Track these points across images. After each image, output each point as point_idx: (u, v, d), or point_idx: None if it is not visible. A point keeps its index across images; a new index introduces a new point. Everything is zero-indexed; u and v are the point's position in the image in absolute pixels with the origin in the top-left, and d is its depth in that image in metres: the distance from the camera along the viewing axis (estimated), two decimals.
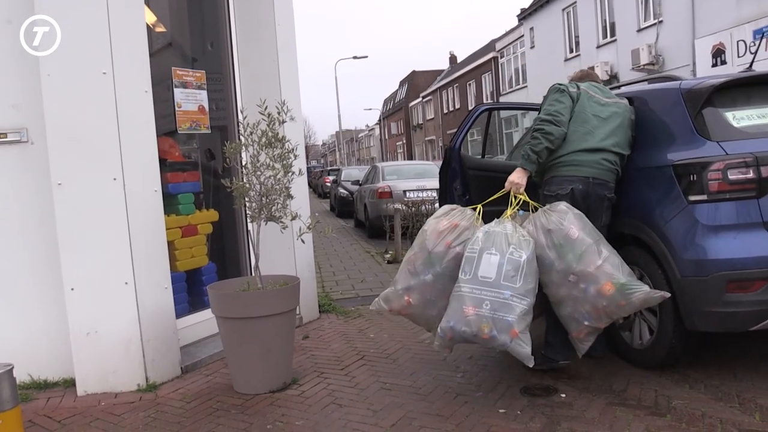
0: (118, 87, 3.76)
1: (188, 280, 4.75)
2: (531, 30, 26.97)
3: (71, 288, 3.76)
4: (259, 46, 5.17)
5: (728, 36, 14.62)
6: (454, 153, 4.84)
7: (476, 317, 3.25)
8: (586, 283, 3.32)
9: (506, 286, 3.26)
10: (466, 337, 3.33)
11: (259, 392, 3.71)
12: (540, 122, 3.68)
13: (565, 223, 3.39)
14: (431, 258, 3.52)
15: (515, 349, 3.25)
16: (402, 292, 3.62)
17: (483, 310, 3.25)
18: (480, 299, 3.27)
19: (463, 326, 3.28)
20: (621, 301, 3.26)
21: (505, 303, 3.24)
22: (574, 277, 3.35)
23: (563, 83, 3.86)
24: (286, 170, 3.84)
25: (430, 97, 49.11)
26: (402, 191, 11.75)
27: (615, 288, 3.25)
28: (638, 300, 3.25)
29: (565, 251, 3.35)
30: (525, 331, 3.26)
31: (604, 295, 3.28)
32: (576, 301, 3.39)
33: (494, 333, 3.22)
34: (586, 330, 3.45)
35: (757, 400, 3.22)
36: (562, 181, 3.68)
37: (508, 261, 3.29)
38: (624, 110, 3.82)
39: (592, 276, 3.29)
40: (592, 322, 3.40)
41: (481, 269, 3.32)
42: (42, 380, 3.99)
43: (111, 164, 3.76)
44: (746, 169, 3.25)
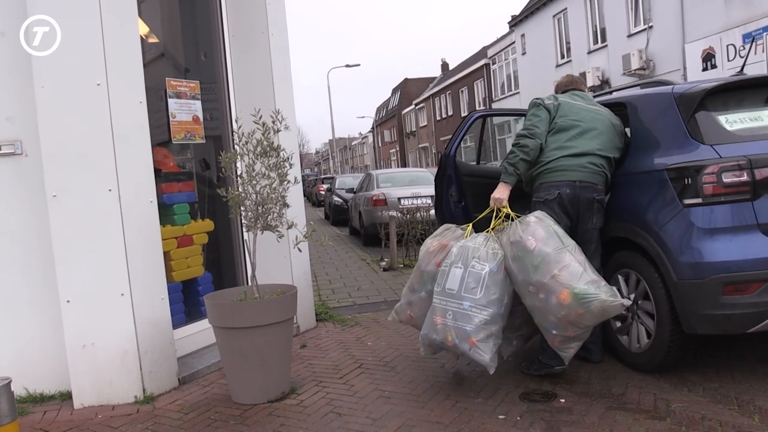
0: (113, 98, 3.76)
1: (185, 291, 4.74)
2: (522, 36, 27.12)
3: (67, 300, 3.74)
4: (253, 56, 5.18)
5: (718, 40, 14.74)
6: (450, 160, 4.85)
7: (442, 326, 3.51)
8: (545, 293, 3.38)
9: (466, 297, 3.47)
10: (438, 344, 3.59)
11: (258, 402, 3.70)
12: (516, 137, 3.86)
13: (524, 235, 3.48)
14: (424, 277, 3.81)
15: (474, 357, 3.43)
16: (405, 307, 3.98)
17: (447, 319, 3.50)
18: (445, 310, 3.52)
19: (434, 334, 3.56)
20: (578, 309, 3.29)
21: (464, 313, 3.45)
22: (533, 288, 3.43)
23: (540, 97, 3.99)
24: (282, 179, 3.84)
25: (422, 105, 49.23)
26: (396, 198, 11.75)
27: (571, 297, 3.30)
28: (596, 308, 3.27)
29: (525, 262, 3.45)
30: (486, 340, 3.40)
31: (562, 304, 3.33)
32: (541, 312, 3.47)
33: (456, 341, 3.45)
34: (558, 338, 3.49)
35: (755, 402, 3.22)
36: (550, 187, 3.77)
37: (469, 273, 3.50)
38: (605, 116, 3.93)
39: (548, 286, 3.36)
40: (559, 331, 3.45)
41: (448, 282, 3.56)
42: (38, 393, 3.96)
43: (106, 175, 3.75)
44: (740, 172, 3.27)
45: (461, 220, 4.79)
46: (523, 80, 27.53)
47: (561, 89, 4.24)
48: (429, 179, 12.46)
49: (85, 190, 3.74)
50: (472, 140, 24.14)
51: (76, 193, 3.73)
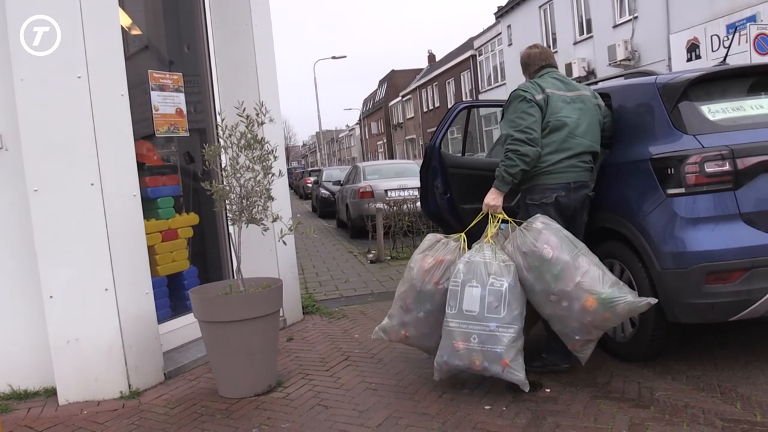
0: (94, 91, 3.71)
1: (170, 285, 4.71)
2: (508, 27, 27.12)
3: (50, 296, 3.70)
4: (237, 48, 5.14)
5: (702, 31, 14.83)
6: (435, 151, 4.84)
7: (466, 351, 3.32)
8: (568, 300, 3.28)
9: (491, 318, 3.29)
10: (462, 369, 3.42)
11: (244, 396, 3.69)
12: (514, 142, 3.53)
13: (538, 244, 3.34)
14: (421, 296, 3.57)
15: (508, 378, 3.31)
16: (398, 327, 3.72)
17: (471, 343, 3.31)
18: (467, 333, 3.32)
19: (456, 360, 3.36)
20: (605, 313, 3.23)
21: (492, 335, 3.28)
22: (555, 297, 3.32)
23: (527, 90, 3.64)
24: (266, 172, 3.82)
25: (409, 96, 49.17)
26: (383, 191, 11.74)
27: (597, 302, 3.22)
28: (623, 311, 3.22)
29: (542, 272, 3.32)
30: (516, 358, 3.29)
31: (588, 311, 3.24)
32: (561, 319, 3.37)
33: (486, 364, 3.30)
34: (579, 342, 3.42)
35: (737, 389, 3.26)
36: (545, 190, 3.63)
37: (489, 292, 3.32)
38: (589, 100, 3.76)
39: (572, 294, 3.26)
40: (582, 336, 3.37)
41: (465, 303, 3.35)
42: (22, 390, 3.92)
43: (88, 169, 3.71)
44: (722, 162, 3.29)
45: (447, 212, 4.80)
46: (510, 71, 27.54)
47: (536, 66, 3.86)
48: (416, 171, 12.44)
49: (67, 184, 3.70)
50: (459, 131, 24.17)
51: (57, 187, 3.69)
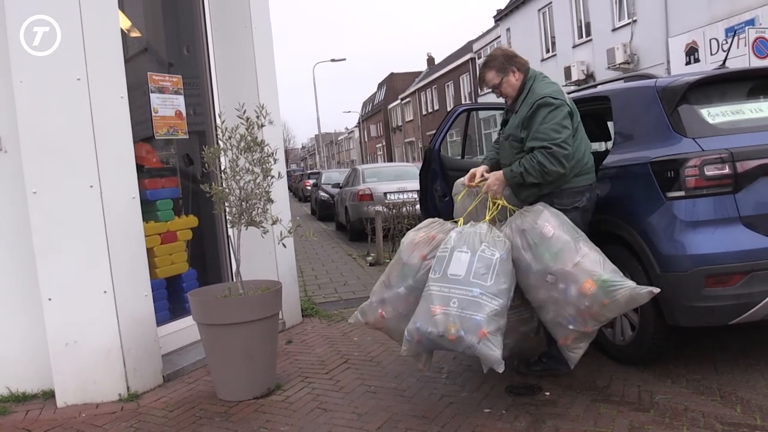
0: (93, 93, 3.71)
1: (169, 287, 4.70)
2: (507, 31, 27.15)
3: (49, 298, 3.69)
4: (236, 50, 5.14)
5: (701, 34, 14.86)
6: (434, 154, 4.85)
7: (443, 316, 3.06)
8: (566, 282, 3.15)
9: (476, 283, 3.09)
10: (433, 339, 3.12)
11: (243, 399, 3.68)
12: (548, 154, 3.30)
13: (539, 222, 3.25)
14: (405, 270, 3.40)
15: (483, 352, 3.00)
16: (376, 305, 3.50)
17: (450, 308, 3.06)
18: (447, 297, 3.09)
19: (429, 326, 3.09)
20: (604, 299, 3.08)
21: (474, 301, 3.05)
22: (552, 277, 3.18)
23: (558, 97, 3.42)
24: (266, 174, 3.81)
25: (408, 99, 49.20)
26: (383, 193, 11.75)
27: (596, 285, 3.08)
28: (623, 297, 3.06)
29: (540, 251, 3.21)
30: (495, 334, 3.03)
31: (586, 295, 3.10)
32: (557, 304, 3.22)
33: (461, 333, 3.01)
34: (572, 335, 3.27)
35: (737, 393, 3.26)
36: (576, 194, 3.49)
37: (479, 258, 3.15)
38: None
39: (571, 275, 3.13)
40: (577, 326, 3.22)
41: (451, 267, 3.16)
42: (21, 393, 3.91)
43: (87, 171, 3.71)
44: (722, 165, 3.29)
45: (446, 214, 4.80)
46: None
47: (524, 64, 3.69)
48: (415, 174, 12.45)
49: (66, 186, 3.70)
50: (458, 134, 24.18)
51: (56, 189, 3.68)
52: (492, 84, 3.66)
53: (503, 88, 3.65)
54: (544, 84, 3.56)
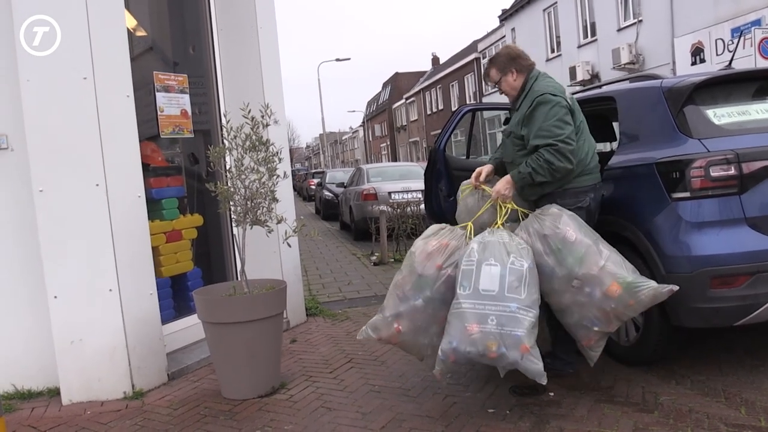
0: (99, 92, 3.72)
1: (173, 286, 4.72)
2: (512, 30, 27.12)
3: (54, 296, 3.71)
4: (242, 50, 5.15)
5: (707, 35, 14.81)
6: (439, 154, 4.85)
7: (481, 335, 3.01)
8: (591, 286, 3.15)
9: (512, 298, 3.05)
10: (472, 358, 3.08)
11: (247, 397, 3.69)
12: (554, 152, 3.29)
13: (561, 226, 3.23)
14: (421, 281, 3.32)
15: (527, 367, 3.01)
16: (391, 320, 3.39)
17: (488, 326, 3.01)
18: (484, 315, 3.03)
19: (468, 346, 3.03)
20: (630, 300, 3.10)
21: (513, 317, 3.01)
22: (578, 282, 3.17)
23: (557, 94, 3.43)
24: (271, 174, 3.82)
25: (413, 99, 49.18)
26: (387, 193, 11.74)
27: (622, 288, 3.10)
28: (647, 297, 3.09)
29: (564, 255, 3.19)
30: (534, 346, 3.03)
31: (612, 297, 3.11)
32: (582, 307, 3.21)
33: (503, 350, 2.99)
34: (596, 336, 3.29)
35: (742, 394, 3.25)
36: (579, 193, 3.47)
37: (510, 271, 3.09)
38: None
39: (597, 278, 3.13)
40: (602, 327, 3.23)
41: (482, 282, 3.09)
42: (26, 390, 3.93)
43: (93, 170, 3.72)
44: (728, 166, 3.29)
45: (451, 214, 4.79)
46: None
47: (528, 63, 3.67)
48: (419, 173, 12.45)
49: (72, 184, 3.71)
50: (463, 134, 24.15)
51: (62, 187, 3.70)
52: (493, 81, 3.75)
53: (502, 86, 3.72)
54: (544, 82, 3.56)
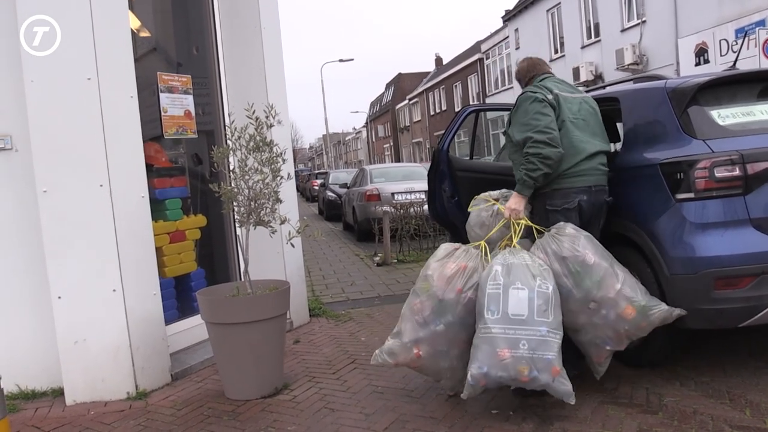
0: (103, 93, 3.73)
1: (177, 286, 4.72)
2: (516, 31, 27.10)
3: (58, 296, 3.71)
4: (245, 50, 5.15)
5: (711, 35, 14.77)
6: (443, 155, 4.84)
7: (513, 359, 3.02)
8: (607, 308, 3.21)
9: (541, 321, 3.07)
10: (503, 382, 3.12)
11: (251, 398, 3.69)
12: (534, 144, 3.38)
13: (580, 249, 3.24)
14: (442, 306, 3.27)
15: (557, 388, 3.04)
16: (410, 345, 3.34)
17: (520, 350, 3.03)
18: (515, 339, 3.04)
19: (500, 371, 3.04)
20: (642, 323, 3.21)
21: (543, 340, 3.04)
22: (595, 304, 3.22)
23: (536, 91, 3.55)
24: (275, 174, 3.82)
25: (416, 100, 49.17)
26: (390, 193, 11.74)
27: (636, 311, 3.19)
28: (657, 319, 3.21)
29: (581, 278, 3.21)
30: (563, 368, 3.08)
31: (626, 319, 3.19)
32: (596, 328, 3.27)
33: (534, 374, 3.01)
34: (606, 354, 3.36)
35: (746, 396, 3.24)
36: (568, 194, 3.49)
37: (538, 295, 3.10)
38: (591, 103, 3.74)
39: (613, 301, 3.19)
40: (614, 346, 3.31)
41: (511, 306, 3.09)
42: (30, 390, 3.94)
43: (97, 170, 3.73)
44: (732, 167, 3.28)
45: (454, 215, 4.79)
46: None
47: (534, 72, 3.80)
48: (423, 174, 12.45)
49: (76, 185, 3.72)
50: (466, 135, 24.15)
51: (66, 188, 3.71)
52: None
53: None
54: (537, 84, 3.68)
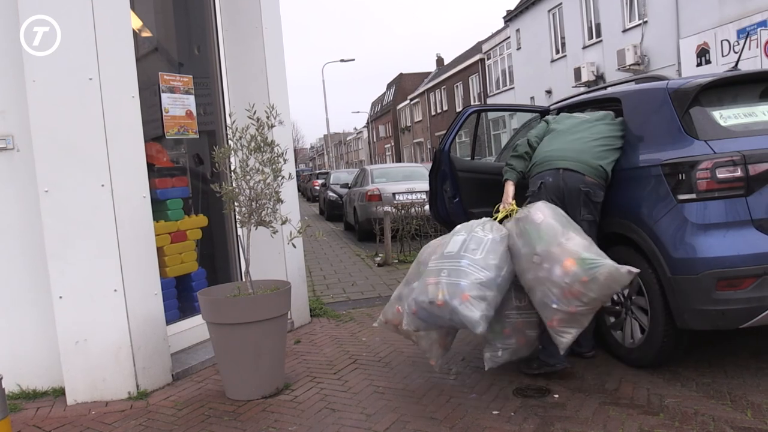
0: (105, 93, 3.73)
1: (178, 286, 4.72)
2: (517, 32, 27.08)
3: (59, 296, 3.72)
4: (247, 50, 5.15)
5: (712, 36, 14.76)
6: (444, 155, 4.84)
7: (434, 286, 3.36)
8: (550, 262, 3.33)
9: (465, 256, 3.42)
10: (425, 308, 3.36)
11: (252, 398, 3.69)
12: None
13: (532, 210, 3.53)
14: (420, 269, 3.68)
15: (463, 312, 3.21)
16: (394, 302, 3.79)
17: (441, 277, 3.37)
18: (440, 269, 3.42)
19: (422, 295, 3.38)
20: (583, 276, 3.21)
21: (461, 270, 3.35)
22: (538, 258, 3.37)
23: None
24: (276, 174, 3.82)
25: (417, 100, 49.17)
26: (391, 194, 11.74)
27: (576, 263, 3.24)
28: (602, 275, 3.19)
29: (530, 235, 3.44)
30: (478, 299, 3.26)
31: (567, 273, 3.26)
32: (543, 284, 3.37)
33: (446, 297, 3.27)
34: (557, 316, 3.34)
35: (748, 397, 3.24)
36: (536, 180, 3.86)
37: (472, 238, 3.51)
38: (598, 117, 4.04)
39: (554, 255, 3.32)
40: (560, 305, 3.31)
41: (448, 247, 3.53)
42: (31, 390, 3.94)
43: (98, 170, 3.73)
44: (734, 168, 3.28)
45: (456, 215, 4.79)
46: (518, 75, 27.49)
47: None
48: (424, 174, 12.45)
49: (78, 185, 3.72)
50: (467, 135, 24.13)
51: (68, 188, 3.71)
52: None
53: None
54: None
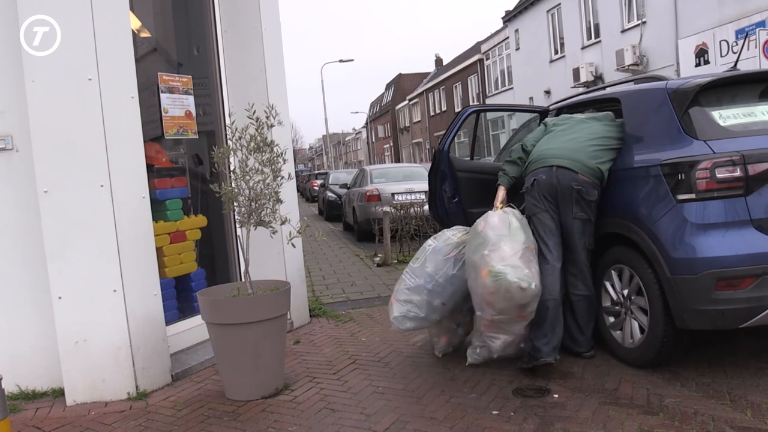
0: (104, 93, 3.73)
1: (177, 287, 4.72)
2: (516, 32, 27.09)
3: (59, 296, 3.71)
4: (246, 51, 5.15)
5: (711, 36, 14.77)
6: (443, 155, 4.84)
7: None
8: (475, 271, 3.59)
9: (410, 264, 4.05)
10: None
11: (251, 398, 3.69)
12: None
13: (480, 221, 3.75)
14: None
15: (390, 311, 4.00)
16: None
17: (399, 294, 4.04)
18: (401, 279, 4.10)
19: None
20: (491, 287, 3.49)
21: (401, 277, 4.03)
22: (469, 267, 3.67)
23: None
24: (275, 175, 3.82)
25: (416, 100, 49.17)
26: (390, 194, 11.74)
27: (489, 274, 3.49)
28: (501, 287, 3.45)
29: (470, 242, 3.72)
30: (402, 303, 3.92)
31: (483, 282, 3.53)
32: (472, 290, 3.70)
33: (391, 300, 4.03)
34: (483, 322, 3.69)
35: (747, 396, 3.24)
36: (530, 178, 3.94)
37: (422, 249, 4.05)
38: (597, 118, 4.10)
39: (476, 264, 3.58)
40: (482, 313, 3.65)
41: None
42: (30, 390, 3.93)
43: (98, 171, 3.72)
44: (733, 168, 3.28)
45: (455, 216, 4.79)
46: (517, 76, 27.49)
47: None
48: (423, 174, 12.45)
49: (77, 185, 3.71)
50: (466, 135, 24.14)
51: (67, 188, 3.70)
52: None
53: None
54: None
